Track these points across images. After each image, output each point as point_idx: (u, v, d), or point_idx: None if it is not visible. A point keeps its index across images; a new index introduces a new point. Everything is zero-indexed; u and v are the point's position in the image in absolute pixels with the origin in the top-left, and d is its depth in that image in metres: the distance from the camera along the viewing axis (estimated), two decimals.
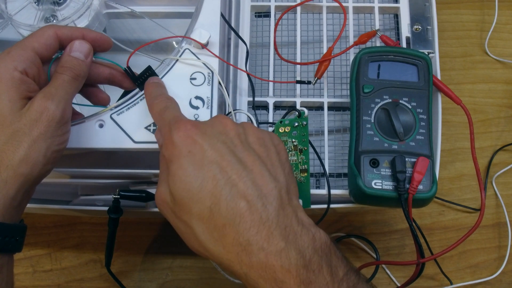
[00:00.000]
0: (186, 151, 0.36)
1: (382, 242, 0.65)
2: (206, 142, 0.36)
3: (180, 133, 0.37)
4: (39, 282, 0.63)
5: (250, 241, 0.34)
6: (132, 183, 0.52)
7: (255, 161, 0.37)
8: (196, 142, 0.36)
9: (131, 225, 0.65)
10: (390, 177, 0.47)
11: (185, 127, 0.37)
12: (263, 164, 0.37)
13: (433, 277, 0.63)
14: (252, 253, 0.34)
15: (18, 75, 0.39)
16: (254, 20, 0.58)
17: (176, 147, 0.36)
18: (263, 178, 0.36)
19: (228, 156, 0.36)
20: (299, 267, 0.34)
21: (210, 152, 0.36)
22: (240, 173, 0.35)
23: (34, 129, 0.38)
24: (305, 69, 0.55)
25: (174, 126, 0.37)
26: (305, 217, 0.37)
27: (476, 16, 0.76)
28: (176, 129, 0.37)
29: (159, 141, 0.41)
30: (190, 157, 0.36)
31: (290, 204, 0.37)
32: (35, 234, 0.65)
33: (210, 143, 0.36)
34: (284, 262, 0.33)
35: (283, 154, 0.40)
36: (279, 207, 0.35)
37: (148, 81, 0.46)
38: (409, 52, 0.51)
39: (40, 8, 0.51)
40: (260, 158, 0.37)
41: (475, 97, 0.72)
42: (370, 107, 0.49)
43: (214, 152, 0.36)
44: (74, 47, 0.43)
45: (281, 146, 0.40)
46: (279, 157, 0.39)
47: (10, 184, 0.37)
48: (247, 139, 0.38)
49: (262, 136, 0.39)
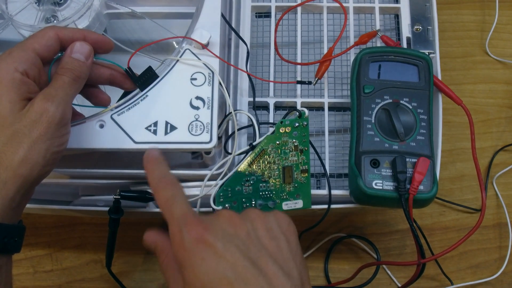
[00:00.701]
0: (200, 258, 0.35)
1: (383, 242, 0.65)
2: (220, 248, 0.35)
3: (191, 237, 0.35)
4: (40, 282, 0.63)
5: None
6: (132, 183, 0.52)
7: (268, 262, 0.36)
8: (210, 247, 0.35)
9: (131, 225, 0.65)
10: (390, 178, 0.47)
11: (196, 230, 0.35)
12: (275, 263, 0.36)
13: (434, 278, 0.63)
14: None
15: (19, 76, 0.39)
16: (254, 21, 0.58)
17: (188, 253, 0.35)
18: (278, 279, 0.35)
19: (243, 261, 0.35)
20: None
21: (225, 258, 0.35)
22: (256, 278, 0.35)
23: (34, 130, 0.38)
24: (306, 70, 0.55)
25: (185, 229, 0.36)
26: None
27: (477, 17, 0.76)
28: (187, 232, 0.36)
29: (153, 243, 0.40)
30: (204, 265, 0.35)
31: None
32: (36, 235, 0.65)
33: (224, 248, 0.35)
34: None
35: (293, 241, 0.39)
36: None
37: (147, 155, 0.42)
38: (410, 52, 0.51)
39: (41, 8, 0.51)
40: (272, 255, 0.37)
41: (476, 98, 0.71)
42: (370, 108, 0.49)
43: (229, 258, 0.35)
44: (75, 49, 0.43)
45: (290, 230, 0.40)
46: (289, 247, 0.38)
47: (9, 185, 0.37)
48: (257, 235, 0.37)
49: (271, 226, 0.39)
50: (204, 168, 0.51)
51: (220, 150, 0.51)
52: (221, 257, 0.35)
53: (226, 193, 0.47)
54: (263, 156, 0.48)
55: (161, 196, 0.39)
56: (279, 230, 0.39)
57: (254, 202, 0.48)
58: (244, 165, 0.48)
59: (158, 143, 0.46)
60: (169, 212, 0.38)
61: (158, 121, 0.46)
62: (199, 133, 0.46)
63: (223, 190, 0.47)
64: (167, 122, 0.46)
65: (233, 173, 0.48)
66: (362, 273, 0.55)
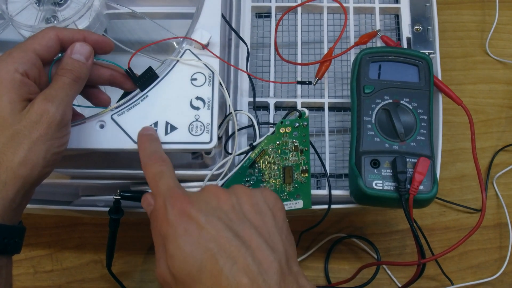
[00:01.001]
0: (182, 230, 0.35)
1: (383, 242, 0.65)
2: (202, 219, 0.35)
3: (175, 210, 0.36)
4: (40, 282, 0.63)
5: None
6: (133, 183, 0.52)
7: (253, 235, 0.36)
8: (192, 219, 0.35)
9: (132, 225, 0.65)
10: (391, 178, 0.47)
11: (180, 203, 0.36)
12: (260, 236, 0.36)
13: (434, 278, 0.63)
14: None
15: (19, 77, 0.39)
16: (254, 21, 0.58)
17: (171, 226, 0.36)
18: (262, 252, 0.35)
19: (225, 233, 0.35)
20: None
21: (207, 230, 0.35)
22: (239, 249, 0.35)
23: (34, 131, 0.38)
24: (306, 70, 0.55)
25: (169, 201, 0.36)
26: (305, 282, 0.37)
27: (477, 17, 0.76)
28: (171, 204, 0.36)
29: (148, 207, 0.40)
30: (186, 236, 0.35)
31: (290, 273, 0.36)
32: (36, 235, 0.65)
33: (206, 220, 0.35)
34: None
35: (279, 215, 0.39)
36: (280, 280, 0.35)
37: (141, 131, 0.44)
38: (410, 52, 0.51)
39: (41, 9, 0.51)
40: (257, 229, 0.37)
41: (476, 98, 0.71)
42: (370, 108, 0.49)
43: (211, 230, 0.35)
44: (75, 49, 0.43)
45: (277, 205, 0.40)
46: (275, 222, 0.38)
47: (9, 186, 0.37)
48: (242, 209, 0.38)
49: (256, 201, 0.39)
50: (205, 168, 0.51)
51: (220, 150, 0.51)
52: (204, 229, 0.35)
53: None
54: (264, 156, 0.48)
55: (149, 171, 0.40)
56: (265, 205, 0.39)
57: None
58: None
59: None
60: (155, 187, 0.39)
61: (158, 121, 0.46)
62: (199, 134, 0.46)
63: None
64: (167, 122, 0.46)
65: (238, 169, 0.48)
66: (362, 273, 0.55)
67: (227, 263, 0.34)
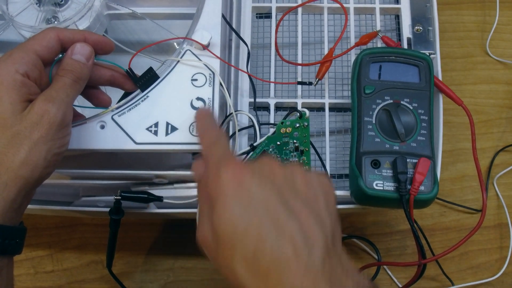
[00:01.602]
0: (233, 192, 0.35)
1: (384, 243, 0.65)
2: (254, 184, 0.35)
3: (228, 171, 0.35)
4: (41, 283, 0.63)
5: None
6: (133, 184, 0.52)
7: (302, 206, 0.35)
8: (244, 182, 0.35)
9: (132, 226, 0.65)
10: (391, 178, 0.46)
11: (234, 166, 0.36)
12: (310, 210, 0.36)
13: (435, 278, 0.63)
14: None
15: (20, 77, 0.39)
16: (255, 21, 0.58)
17: (223, 185, 0.35)
18: (310, 224, 0.35)
19: (276, 200, 0.35)
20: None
21: (258, 194, 0.35)
22: (287, 218, 0.34)
23: (35, 132, 0.38)
24: (306, 70, 0.55)
25: (224, 163, 0.36)
26: (348, 263, 0.36)
27: (477, 17, 0.76)
28: (225, 166, 0.36)
29: (198, 172, 0.40)
30: (236, 197, 0.35)
31: (335, 251, 0.35)
32: (37, 235, 0.65)
33: (258, 185, 0.35)
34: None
35: (331, 198, 0.38)
36: (325, 255, 0.34)
37: (200, 110, 0.46)
38: (410, 53, 0.51)
39: (41, 9, 0.51)
40: (307, 203, 0.36)
41: (476, 98, 0.71)
42: (371, 108, 0.49)
43: (262, 195, 0.35)
44: (76, 50, 0.43)
45: (330, 189, 0.39)
46: (326, 202, 0.38)
47: (10, 187, 0.37)
48: (294, 182, 0.37)
49: (310, 180, 0.38)
50: None
51: None
52: (254, 194, 0.34)
53: None
54: None
55: (204, 140, 0.41)
56: (319, 187, 0.38)
57: None
58: None
59: (159, 144, 0.46)
60: (209, 154, 0.38)
61: (159, 121, 0.46)
62: None
63: None
64: (168, 122, 0.46)
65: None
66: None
67: (273, 231, 0.34)
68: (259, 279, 0.33)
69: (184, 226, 0.65)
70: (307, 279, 0.33)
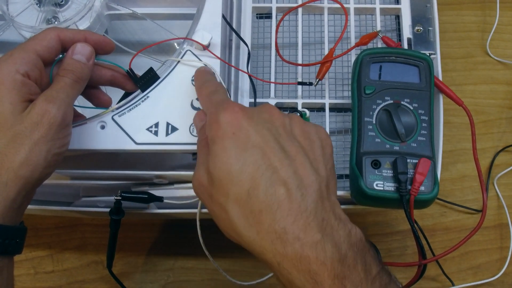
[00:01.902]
0: (231, 133, 0.36)
1: (384, 243, 0.65)
2: (251, 127, 0.36)
3: (226, 114, 0.37)
4: (41, 283, 0.63)
5: (286, 230, 0.33)
6: (133, 184, 0.52)
7: (298, 152, 0.36)
8: (242, 125, 0.36)
9: (132, 226, 0.65)
10: (391, 178, 0.46)
11: (232, 109, 0.37)
12: (306, 155, 0.37)
13: (435, 278, 0.63)
14: (287, 242, 0.33)
15: (20, 77, 0.39)
16: (255, 22, 0.58)
17: (221, 128, 0.36)
18: (304, 169, 0.36)
19: (272, 143, 0.36)
20: (334, 261, 0.33)
21: (255, 137, 0.36)
22: (282, 161, 0.35)
23: (35, 132, 0.38)
24: (307, 71, 0.55)
25: (222, 107, 0.37)
26: (341, 213, 0.37)
27: (478, 17, 0.76)
28: (223, 110, 0.37)
29: (198, 123, 0.41)
30: (234, 139, 0.36)
31: (328, 199, 0.36)
32: (37, 236, 0.65)
33: (256, 128, 0.36)
34: (320, 254, 0.33)
35: (327, 149, 0.39)
36: (318, 200, 0.35)
37: (199, 68, 0.47)
38: (411, 53, 0.51)
39: (42, 9, 0.51)
40: (303, 149, 0.37)
41: (477, 98, 0.71)
42: (371, 108, 0.49)
43: (259, 137, 0.36)
44: (76, 50, 0.43)
45: (327, 141, 0.40)
46: (323, 152, 0.38)
47: (10, 187, 0.37)
48: (292, 130, 0.38)
49: (308, 129, 0.39)
50: None
51: None
52: (252, 136, 0.36)
53: None
54: None
55: (203, 91, 0.42)
56: (316, 136, 0.39)
57: None
58: None
59: (159, 144, 0.46)
60: (209, 101, 0.40)
61: (159, 122, 0.46)
62: None
63: None
64: (168, 123, 0.46)
65: None
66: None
67: (268, 170, 0.35)
68: (251, 219, 0.34)
69: (184, 226, 0.65)
70: (298, 221, 0.34)
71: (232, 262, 0.64)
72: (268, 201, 0.34)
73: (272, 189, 0.34)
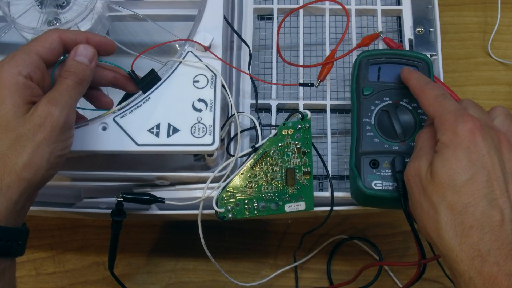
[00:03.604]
0: (466, 146, 0.38)
1: (386, 244, 0.65)
2: (485, 148, 0.38)
3: (466, 127, 0.38)
4: (43, 285, 0.63)
5: (490, 252, 0.36)
6: (135, 185, 0.52)
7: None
8: (477, 142, 0.38)
9: (134, 227, 0.65)
10: (390, 178, 0.46)
11: (473, 124, 0.38)
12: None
13: (437, 280, 0.63)
14: (486, 263, 0.36)
15: (22, 79, 0.39)
16: (256, 23, 0.58)
17: (457, 137, 0.38)
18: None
19: (498, 172, 0.37)
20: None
21: (486, 159, 0.38)
22: (502, 192, 0.37)
23: (38, 134, 0.38)
24: (308, 72, 0.55)
25: (462, 118, 0.39)
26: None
27: (479, 18, 0.76)
28: (464, 122, 0.39)
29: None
30: (467, 152, 0.38)
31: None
32: (38, 237, 0.65)
33: (489, 151, 0.38)
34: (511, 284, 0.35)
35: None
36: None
37: (405, 69, 0.48)
38: (409, 54, 0.51)
39: (43, 11, 0.51)
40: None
41: (478, 99, 0.71)
42: (370, 109, 0.49)
43: (489, 161, 0.38)
44: (79, 51, 0.43)
45: None
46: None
47: (13, 189, 0.37)
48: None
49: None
50: (207, 170, 0.51)
51: (223, 152, 0.51)
52: (483, 157, 0.38)
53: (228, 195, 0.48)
54: (266, 158, 0.48)
55: (429, 93, 0.43)
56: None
57: (256, 204, 0.48)
58: (247, 167, 0.48)
59: (161, 145, 0.46)
60: (441, 106, 0.41)
61: (161, 123, 0.46)
62: (202, 135, 0.46)
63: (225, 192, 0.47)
64: (169, 124, 0.46)
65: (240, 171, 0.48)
66: (364, 275, 0.55)
67: (489, 195, 0.37)
68: (459, 229, 0.37)
69: (186, 227, 0.65)
70: (502, 249, 0.36)
71: (234, 263, 0.64)
72: (482, 222, 0.36)
73: (489, 213, 0.36)
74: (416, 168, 0.41)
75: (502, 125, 0.42)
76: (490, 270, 0.35)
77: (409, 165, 0.42)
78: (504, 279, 0.35)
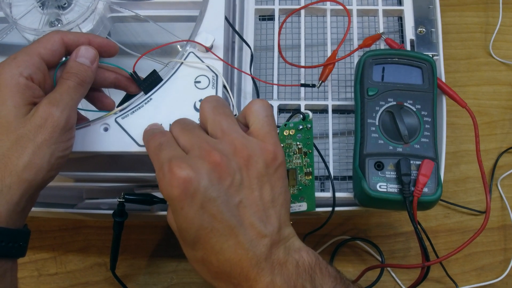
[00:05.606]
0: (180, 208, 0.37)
1: (387, 245, 0.65)
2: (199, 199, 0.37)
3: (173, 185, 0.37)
4: (44, 285, 0.63)
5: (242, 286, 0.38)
6: (137, 186, 0.52)
7: (246, 213, 0.38)
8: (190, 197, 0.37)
9: (136, 228, 0.65)
10: (395, 180, 0.46)
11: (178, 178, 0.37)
12: (255, 213, 0.39)
13: (439, 280, 0.63)
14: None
15: (24, 81, 0.39)
16: (258, 23, 0.58)
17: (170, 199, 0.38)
18: (254, 229, 0.38)
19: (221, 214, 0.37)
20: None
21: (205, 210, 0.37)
22: (232, 229, 0.37)
23: (39, 135, 0.38)
24: (310, 72, 0.55)
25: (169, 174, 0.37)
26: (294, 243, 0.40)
27: (480, 18, 0.76)
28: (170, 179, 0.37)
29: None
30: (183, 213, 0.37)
31: (279, 239, 0.39)
32: (40, 238, 0.65)
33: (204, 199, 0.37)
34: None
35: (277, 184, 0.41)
36: (269, 249, 0.38)
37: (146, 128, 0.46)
38: (413, 54, 0.51)
39: (45, 12, 0.51)
40: (252, 205, 0.39)
41: (480, 99, 0.71)
42: (374, 110, 0.49)
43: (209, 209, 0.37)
44: (80, 53, 0.43)
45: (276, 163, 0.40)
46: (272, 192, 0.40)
47: (14, 190, 0.37)
48: (242, 184, 0.39)
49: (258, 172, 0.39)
50: None
51: None
52: (201, 208, 0.37)
53: None
54: None
55: (150, 146, 0.42)
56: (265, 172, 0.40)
57: None
58: None
59: None
60: (156, 159, 0.40)
61: (163, 124, 0.46)
62: None
63: None
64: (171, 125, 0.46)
65: None
66: (366, 275, 0.55)
67: (220, 240, 0.37)
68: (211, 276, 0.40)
69: None
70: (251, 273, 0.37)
71: None
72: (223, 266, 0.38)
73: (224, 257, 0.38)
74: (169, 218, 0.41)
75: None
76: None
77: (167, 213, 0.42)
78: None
